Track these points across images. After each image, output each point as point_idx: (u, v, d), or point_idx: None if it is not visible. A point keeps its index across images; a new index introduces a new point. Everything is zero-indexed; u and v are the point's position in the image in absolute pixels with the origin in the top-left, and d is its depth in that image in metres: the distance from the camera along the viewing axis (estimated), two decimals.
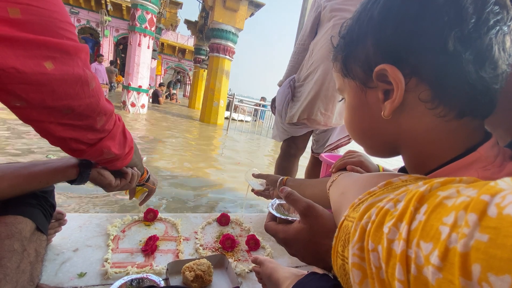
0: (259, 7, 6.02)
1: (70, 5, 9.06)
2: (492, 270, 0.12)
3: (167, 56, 13.37)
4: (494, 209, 0.13)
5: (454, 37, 0.26)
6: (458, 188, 0.17)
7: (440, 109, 0.29)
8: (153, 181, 0.92)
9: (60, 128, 0.48)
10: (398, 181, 0.25)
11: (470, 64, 0.27)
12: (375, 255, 0.19)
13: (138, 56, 5.16)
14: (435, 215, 0.16)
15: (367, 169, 0.57)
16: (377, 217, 0.20)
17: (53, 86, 0.41)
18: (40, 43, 0.38)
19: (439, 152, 0.31)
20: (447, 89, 0.29)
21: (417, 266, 0.15)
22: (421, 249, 0.15)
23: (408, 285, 0.16)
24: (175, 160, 2.62)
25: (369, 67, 0.32)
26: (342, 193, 0.38)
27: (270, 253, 1.00)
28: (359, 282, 0.20)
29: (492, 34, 0.26)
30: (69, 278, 0.71)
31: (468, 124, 0.30)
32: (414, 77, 0.29)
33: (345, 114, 0.39)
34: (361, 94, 0.35)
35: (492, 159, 0.29)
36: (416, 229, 0.16)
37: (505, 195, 0.14)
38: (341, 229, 0.25)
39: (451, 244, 0.14)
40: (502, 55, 0.27)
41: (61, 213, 0.82)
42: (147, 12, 5.06)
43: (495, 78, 0.28)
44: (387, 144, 0.36)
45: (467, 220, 0.14)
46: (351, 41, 0.35)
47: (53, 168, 0.62)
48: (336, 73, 0.39)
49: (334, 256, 0.25)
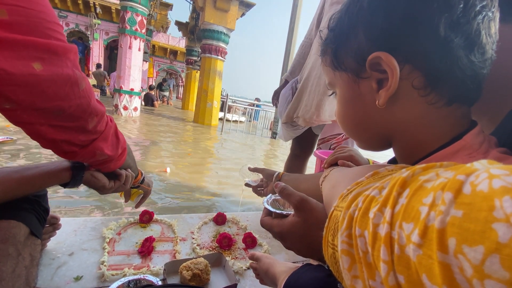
0: (249, 7, 6.01)
1: (58, 9, 8.91)
2: (466, 242, 0.13)
3: (159, 58, 13.26)
4: (469, 187, 0.14)
5: (444, 23, 0.27)
6: (437, 172, 0.18)
7: (432, 96, 0.30)
8: (148, 183, 0.92)
9: (51, 130, 0.48)
10: (384, 171, 0.26)
11: (461, 49, 0.28)
12: (362, 240, 0.19)
13: (129, 58, 5.10)
14: (416, 197, 0.17)
15: (357, 163, 0.58)
16: (363, 204, 0.21)
17: (43, 87, 0.41)
18: (28, 44, 0.38)
19: (428, 140, 0.32)
20: (439, 75, 0.30)
21: (400, 246, 0.16)
22: (403, 229, 0.16)
23: (392, 264, 0.16)
24: (169, 162, 2.60)
25: (362, 56, 0.32)
26: (333, 186, 0.38)
27: (267, 250, 1.01)
28: (348, 267, 0.21)
29: (479, 19, 0.27)
30: (65, 282, 0.71)
31: (456, 111, 0.31)
32: (407, 64, 0.30)
33: (337, 108, 0.40)
34: (353, 85, 0.35)
35: (477, 146, 0.30)
36: (398, 212, 0.17)
37: (479, 174, 0.14)
38: (331, 219, 0.26)
39: (430, 222, 0.15)
40: (488, 40, 0.29)
41: (55, 217, 0.81)
42: (137, 14, 5.01)
43: (483, 62, 0.29)
44: (380, 135, 0.37)
45: (444, 198, 0.15)
46: (341, 33, 0.35)
47: (46, 172, 0.61)
48: (326, 67, 0.39)
49: (325, 245, 0.26)
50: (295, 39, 5.47)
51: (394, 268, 0.16)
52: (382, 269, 0.17)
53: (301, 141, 1.43)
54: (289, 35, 5.47)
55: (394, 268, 0.16)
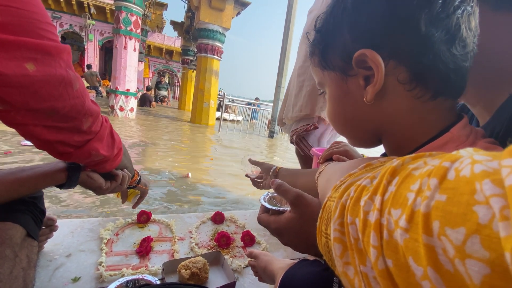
0: (245, 6, 6.00)
1: (52, 10, 8.82)
2: (449, 224, 0.13)
3: (155, 58, 13.19)
4: (453, 173, 0.15)
5: (424, 18, 0.28)
6: (425, 160, 0.18)
7: (418, 90, 0.31)
8: (145, 183, 0.91)
9: (45, 131, 0.47)
10: (376, 162, 0.26)
11: (442, 43, 0.29)
12: (353, 227, 0.20)
13: (124, 59, 5.07)
14: (404, 184, 0.17)
15: (351, 157, 0.58)
16: (355, 193, 0.21)
17: (36, 87, 0.40)
18: (21, 44, 0.38)
19: (417, 134, 0.33)
20: (423, 69, 0.30)
21: (389, 231, 0.17)
22: (392, 215, 0.17)
23: (381, 249, 0.17)
24: (166, 162, 2.60)
25: (348, 54, 0.33)
26: (327, 180, 0.39)
27: (265, 248, 1.01)
28: (340, 254, 0.21)
29: (459, 14, 0.28)
30: (63, 284, 0.71)
31: (442, 105, 0.32)
32: (392, 60, 0.31)
33: (328, 107, 0.40)
34: (342, 83, 0.36)
35: (464, 138, 0.31)
36: (388, 199, 0.18)
37: (463, 160, 0.15)
38: (324, 209, 0.26)
39: (416, 207, 0.15)
40: (469, 33, 0.29)
41: (52, 219, 0.81)
42: (131, 14, 4.98)
43: (465, 55, 0.30)
44: (370, 131, 0.37)
45: (429, 184, 0.15)
46: (327, 33, 0.36)
47: (41, 173, 0.61)
48: (315, 68, 0.40)
49: (318, 235, 0.26)
50: (291, 37, 5.47)
51: (383, 253, 0.17)
52: (371, 254, 0.18)
53: (306, 160, 1.45)
54: (285, 33, 5.48)
55: (383, 253, 0.17)
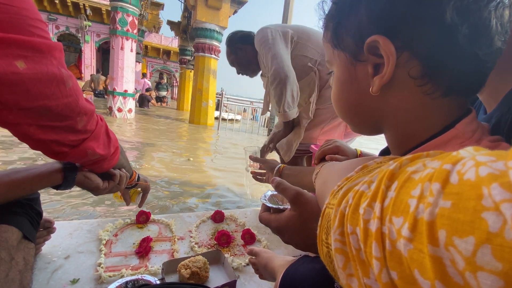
0: (241, 4, 5.98)
1: (48, 12, 8.79)
2: (457, 233, 0.12)
3: (152, 59, 13.16)
4: (456, 176, 0.14)
5: (452, 7, 0.25)
6: (424, 162, 0.17)
7: (429, 86, 0.29)
8: (144, 179, 0.90)
9: (39, 131, 0.46)
10: (373, 163, 0.25)
11: (465, 39, 0.26)
12: (354, 237, 0.19)
13: (121, 60, 5.05)
14: (404, 189, 0.16)
15: (344, 153, 0.57)
16: (353, 200, 0.20)
17: (27, 86, 0.39)
18: (11, 42, 0.37)
19: (421, 130, 0.31)
20: (439, 65, 0.28)
21: (391, 241, 0.15)
22: (393, 224, 0.15)
23: (385, 261, 0.16)
24: (165, 163, 2.59)
25: (361, 38, 0.30)
26: (323, 182, 0.38)
27: (266, 246, 1.00)
28: (342, 266, 0.20)
29: (492, 6, 0.25)
30: (62, 286, 0.70)
31: (452, 102, 0.30)
32: (406, 51, 0.28)
33: (333, 88, 0.38)
34: (350, 67, 0.34)
35: (469, 134, 0.29)
36: (388, 206, 0.16)
37: (465, 162, 0.14)
38: (324, 217, 0.25)
39: (419, 214, 0.14)
40: (499, 30, 0.26)
41: (49, 221, 0.80)
42: (127, 15, 4.95)
43: (488, 55, 0.27)
44: (372, 121, 0.36)
45: (431, 189, 0.14)
46: (343, 8, 0.33)
47: (36, 174, 0.60)
48: (326, 43, 0.37)
49: (319, 244, 0.25)
50: None
51: (387, 265, 0.16)
52: (375, 266, 0.16)
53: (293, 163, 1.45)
54: None
55: (386, 265, 0.16)
